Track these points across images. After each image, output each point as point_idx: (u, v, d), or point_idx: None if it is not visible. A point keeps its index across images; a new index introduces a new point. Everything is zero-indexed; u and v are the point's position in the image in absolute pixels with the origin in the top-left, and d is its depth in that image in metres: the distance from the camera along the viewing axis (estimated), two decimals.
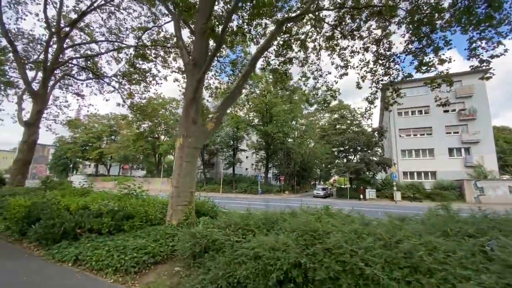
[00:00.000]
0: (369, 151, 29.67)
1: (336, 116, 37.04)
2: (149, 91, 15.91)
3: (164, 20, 14.45)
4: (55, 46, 14.03)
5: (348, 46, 11.48)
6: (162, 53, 15.06)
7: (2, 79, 15.57)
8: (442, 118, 29.66)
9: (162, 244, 4.82)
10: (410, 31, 9.53)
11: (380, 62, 10.83)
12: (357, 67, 11.46)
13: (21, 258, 4.81)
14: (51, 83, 14.28)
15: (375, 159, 28.91)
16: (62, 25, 13.81)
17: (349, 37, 11.11)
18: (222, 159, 40.65)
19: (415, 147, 30.74)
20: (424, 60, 9.32)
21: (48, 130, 16.58)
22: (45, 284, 3.73)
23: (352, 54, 11.52)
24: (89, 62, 16.26)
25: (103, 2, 14.05)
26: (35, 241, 5.46)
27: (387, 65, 10.69)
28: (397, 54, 10.33)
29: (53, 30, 13.18)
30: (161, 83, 16.21)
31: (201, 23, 7.22)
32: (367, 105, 12.58)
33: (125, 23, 15.02)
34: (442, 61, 8.97)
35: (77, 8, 13.94)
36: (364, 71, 11.32)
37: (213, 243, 3.87)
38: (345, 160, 33.38)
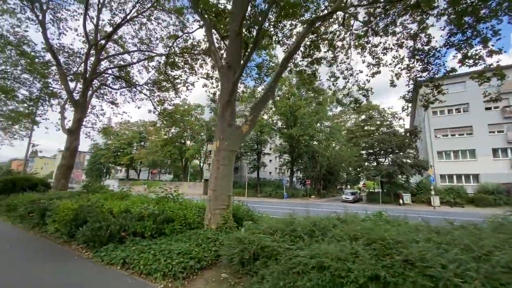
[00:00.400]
0: (401, 153, 28.02)
1: (363, 117, 35.59)
2: (179, 97, 16.32)
3: (192, 28, 14.83)
4: (92, 58, 14.89)
5: (380, 43, 10.96)
6: (189, 60, 15.43)
7: (47, 91, 16.86)
8: (483, 116, 27.28)
9: (205, 249, 4.72)
10: (453, 23, 8.86)
11: (418, 57, 10.19)
12: (390, 64, 10.92)
13: (72, 260, 4.95)
14: (89, 92, 15.16)
15: (409, 161, 27.20)
16: (98, 38, 14.65)
17: (381, 33, 10.60)
18: (246, 163, 40.75)
19: (454, 148, 28.51)
20: (468, 53, 8.59)
21: (87, 137, 17.60)
22: None
23: (385, 51, 10.98)
24: (122, 72, 17.10)
25: (135, 14, 14.71)
26: (82, 243, 5.61)
27: (426, 61, 10.02)
28: (437, 48, 9.65)
29: (91, 43, 14.00)
30: (191, 89, 16.69)
31: (235, 26, 7.18)
32: (405, 104, 11.93)
33: (155, 33, 15.61)
34: (492, 53, 8.19)
35: (112, 21, 14.76)
36: (399, 68, 10.76)
37: (262, 249, 3.67)
38: (375, 163, 31.84)
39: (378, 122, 31.02)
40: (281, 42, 12.34)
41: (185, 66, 15.51)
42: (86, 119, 16.79)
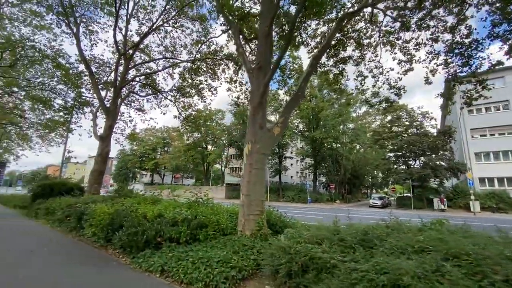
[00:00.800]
0: (433, 155, 26.24)
1: (389, 118, 33.87)
2: (204, 101, 16.50)
3: (215, 34, 14.97)
4: (121, 67, 15.48)
5: (412, 38, 10.32)
6: (212, 66, 15.63)
7: (80, 100, 17.77)
8: None
9: (244, 257, 4.48)
10: (496, 12, 8.15)
11: (457, 51, 9.45)
12: (424, 60, 10.25)
13: (111, 266, 4.91)
14: (119, 100, 15.73)
15: (443, 164, 25.41)
16: (127, 47, 15.21)
17: (414, 28, 10.00)
18: (268, 167, 40.39)
19: (494, 149, 26.25)
20: None
21: (116, 143, 18.27)
22: None
23: (418, 46, 10.33)
24: (148, 80, 17.65)
25: (161, 22, 15.14)
26: (119, 248, 5.61)
27: (466, 54, 9.27)
28: (479, 40, 8.88)
29: (120, 52, 14.55)
30: (216, 94, 16.85)
31: (264, 27, 7.02)
32: (443, 102, 11.18)
33: (179, 40, 15.97)
34: None
35: (139, 31, 15.31)
36: (434, 64, 10.07)
37: (311, 261, 3.36)
38: (404, 166, 30.14)
39: (407, 123, 29.37)
40: (305, 43, 12.08)
41: (208, 71, 15.73)
42: (115, 126, 17.46)
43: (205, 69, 15.75)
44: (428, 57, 10.24)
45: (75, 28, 14.09)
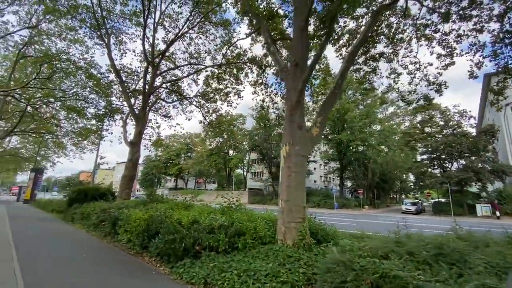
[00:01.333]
0: (473, 157, 24.11)
1: (419, 118, 31.74)
2: (231, 105, 16.44)
3: (238, 38, 14.89)
4: (148, 76, 15.82)
5: (453, 30, 9.47)
6: (235, 71, 15.57)
7: (110, 108, 18.43)
8: None
9: (292, 271, 4.03)
10: None
11: (507, 41, 8.53)
12: (467, 53, 9.36)
13: (152, 277, 4.64)
14: (147, 107, 16.06)
15: (487, 166, 23.24)
16: (154, 56, 15.56)
17: (455, 18, 9.17)
18: None
19: None
20: None
21: (145, 149, 18.65)
22: None
23: (459, 39, 9.45)
24: (174, 86, 17.94)
25: (186, 29, 15.36)
26: (155, 256, 5.40)
27: None
28: None
29: (149, 60, 14.89)
30: (242, 98, 16.78)
31: (300, 21, 6.66)
32: (493, 97, 10.26)
33: (204, 46, 16.12)
34: None
35: (165, 39, 15.64)
36: (480, 56, 9.15)
37: (383, 279, 2.86)
38: (438, 169, 28.05)
39: (442, 123, 27.37)
40: (333, 41, 11.62)
41: (232, 76, 15.70)
42: (144, 132, 17.85)
43: (229, 73, 15.75)
44: (472, 49, 9.37)
45: (107, 39, 14.63)
